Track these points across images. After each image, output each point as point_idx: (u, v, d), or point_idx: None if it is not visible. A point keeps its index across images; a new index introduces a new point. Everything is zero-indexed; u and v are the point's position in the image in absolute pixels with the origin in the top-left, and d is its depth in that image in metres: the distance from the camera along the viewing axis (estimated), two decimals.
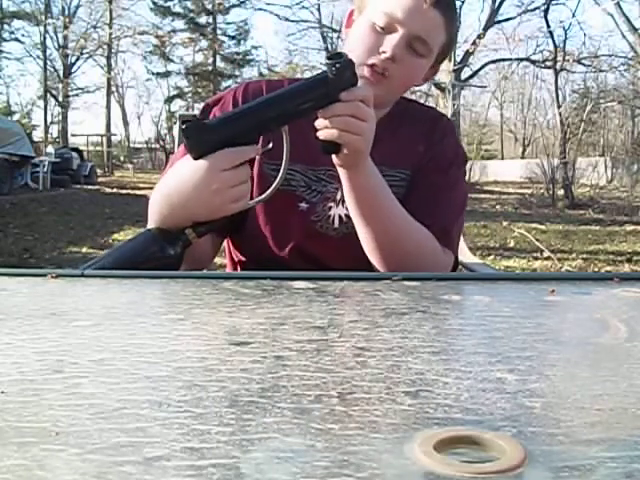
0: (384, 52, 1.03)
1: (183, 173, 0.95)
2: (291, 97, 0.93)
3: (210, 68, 31.60)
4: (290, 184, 1.10)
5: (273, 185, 0.96)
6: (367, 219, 1.02)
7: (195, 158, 0.91)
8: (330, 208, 1.12)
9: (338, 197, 1.12)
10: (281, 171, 0.95)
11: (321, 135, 0.93)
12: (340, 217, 1.13)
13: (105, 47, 30.52)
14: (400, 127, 1.16)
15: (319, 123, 0.92)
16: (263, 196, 0.97)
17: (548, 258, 6.43)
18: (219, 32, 31.43)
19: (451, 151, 1.19)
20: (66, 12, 29.13)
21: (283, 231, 1.12)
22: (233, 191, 0.92)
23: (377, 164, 1.00)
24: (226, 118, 0.94)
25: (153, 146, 34.79)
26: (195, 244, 0.96)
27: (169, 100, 33.22)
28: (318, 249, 1.11)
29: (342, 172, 0.99)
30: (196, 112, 1.28)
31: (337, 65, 0.89)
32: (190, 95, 32.65)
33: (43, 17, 28.08)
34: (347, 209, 1.10)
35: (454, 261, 1.14)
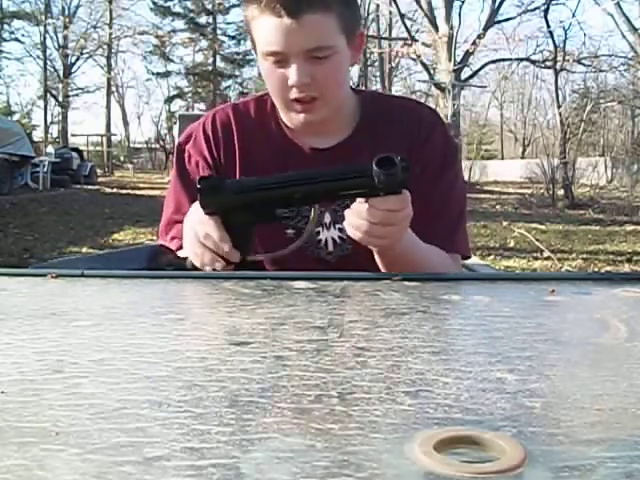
0: (293, 85, 1.01)
1: (187, 218, 0.97)
2: (325, 182, 0.89)
3: (210, 68, 31.61)
4: None
5: (290, 247, 0.94)
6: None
7: (207, 214, 0.90)
8: (318, 233, 1.09)
9: (327, 221, 1.10)
10: (299, 239, 0.94)
11: (347, 230, 0.92)
12: (333, 240, 1.10)
13: (105, 47, 30.53)
14: (378, 128, 1.11)
15: (347, 218, 0.91)
16: (265, 255, 0.96)
17: (548, 258, 6.43)
18: (219, 32, 31.44)
19: (440, 150, 1.13)
20: (66, 12, 29.16)
21: (275, 260, 1.07)
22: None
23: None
24: (247, 185, 0.91)
25: (153, 146, 34.78)
26: None
27: (169, 100, 33.23)
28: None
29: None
30: (196, 112, 1.29)
31: (387, 174, 0.85)
32: (190, 95, 32.66)
33: (43, 17, 28.08)
34: (340, 230, 1.09)
35: (463, 258, 1.15)
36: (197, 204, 0.94)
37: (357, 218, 0.90)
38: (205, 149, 1.12)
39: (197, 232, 0.92)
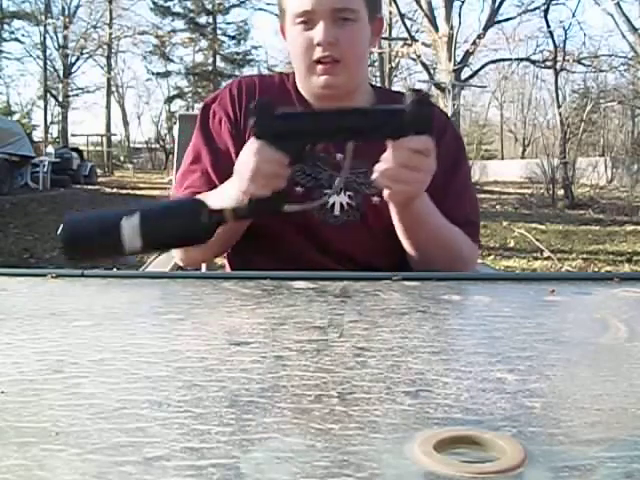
0: (319, 44, 1.06)
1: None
2: (360, 115, 0.95)
3: (210, 68, 31.60)
4: None
5: (317, 201, 1.01)
6: (414, 243, 1.05)
7: (256, 136, 0.93)
8: (326, 194, 1.12)
9: (336, 185, 1.11)
10: (337, 181, 0.99)
11: (376, 180, 0.93)
12: (341, 205, 1.13)
13: (105, 47, 30.52)
14: None
15: (376, 167, 0.92)
16: (301, 206, 0.99)
17: (548, 258, 6.43)
18: (219, 32, 31.43)
19: (454, 149, 1.18)
20: (66, 12, 29.14)
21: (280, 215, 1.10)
22: (266, 176, 0.92)
23: (369, 164, 0.99)
24: (296, 113, 1.00)
25: (153, 146, 34.77)
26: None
27: (169, 100, 33.21)
28: (317, 234, 1.11)
29: (391, 205, 1.00)
30: (196, 112, 1.29)
31: (415, 100, 0.89)
32: (190, 95, 32.63)
33: (43, 17, 28.06)
34: (349, 197, 1.12)
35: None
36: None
37: (384, 164, 0.91)
38: (229, 107, 1.17)
39: (257, 158, 0.91)
